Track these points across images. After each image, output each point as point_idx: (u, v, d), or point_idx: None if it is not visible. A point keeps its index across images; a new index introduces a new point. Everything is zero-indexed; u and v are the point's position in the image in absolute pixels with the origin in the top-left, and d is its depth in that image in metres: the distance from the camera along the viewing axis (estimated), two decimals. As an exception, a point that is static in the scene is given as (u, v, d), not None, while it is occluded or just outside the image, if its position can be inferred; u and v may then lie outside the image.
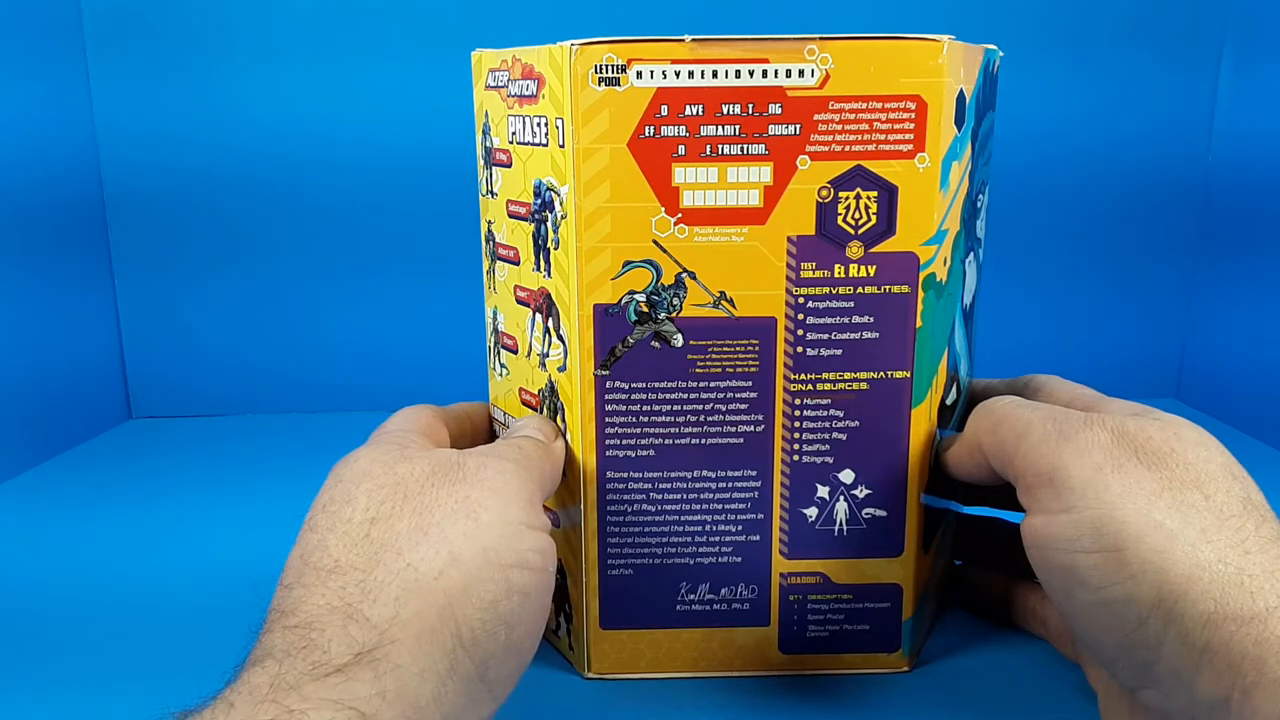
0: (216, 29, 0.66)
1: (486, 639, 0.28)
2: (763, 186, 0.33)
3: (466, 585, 0.28)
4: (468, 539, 0.28)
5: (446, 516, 0.29)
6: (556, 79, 0.33)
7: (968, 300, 0.40)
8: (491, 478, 0.31)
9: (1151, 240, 0.70)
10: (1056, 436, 0.31)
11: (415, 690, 0.26)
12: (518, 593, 0.29)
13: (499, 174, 0.38)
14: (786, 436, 0.35)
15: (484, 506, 0.30)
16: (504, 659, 0.29)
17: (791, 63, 0.32)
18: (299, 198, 0.68)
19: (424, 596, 0.27)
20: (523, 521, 0.30)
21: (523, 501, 0.31)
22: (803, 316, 0.34)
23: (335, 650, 0.25)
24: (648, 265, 0.34)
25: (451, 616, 0.27)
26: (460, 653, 0.27)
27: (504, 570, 0.29)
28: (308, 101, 0.67)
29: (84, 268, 0.67)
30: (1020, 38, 0.65)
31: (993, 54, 0.38)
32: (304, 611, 0.26)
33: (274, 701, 0.24)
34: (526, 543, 0.30)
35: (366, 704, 0.24)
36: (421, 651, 0.26)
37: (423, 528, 0.29)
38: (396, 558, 0.28)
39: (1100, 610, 0.29)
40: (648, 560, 0.37)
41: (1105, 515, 0.29)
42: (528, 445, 0.34)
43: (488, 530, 0.29)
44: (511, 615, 0.28)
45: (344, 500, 0.30)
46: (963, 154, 0.35)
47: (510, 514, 0.30)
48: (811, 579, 0.37)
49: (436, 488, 0.30)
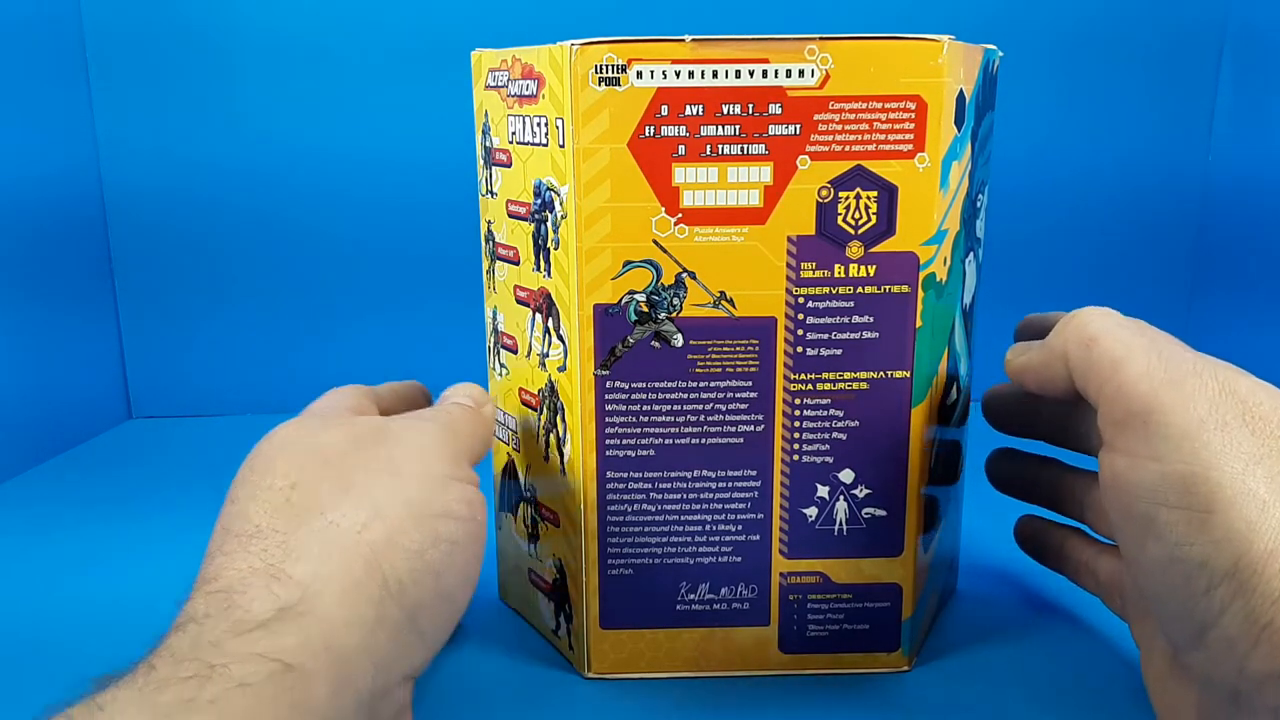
0: (216, 35, 0.65)
1: (415, 587, 0.28)
2: (763, 186, 0.33)
3: (391, 536, 0.28)
4: (390, 493, 0.29)
5: (368, 476, 0.29)
6: (556, 79, 0.33)
7: (968, 300, 0.40)
8: (413, 438, 0.31)
9: (1146, 269, 0.71)
10: (1161, 375, 0.29)
11: (342, 640, 0.26)
12: (445, 541, 0.29)
13: (499, 174, 0.38)
14: (786, 436, 0.35)
15: (406, 462, 0.30)
16: (435, 607, 0.29)
17: (791, 63, 0.32)
18: (298, 198, 0.68)
19: (347, 550, 0.27)
20: (446, 475, 0.31)
21: (446, 458, 0.31)
22: (803, 316, 0.34)
23: (257, 608, 0.25)
24: (648, 265, 0.34)
25: (377, 568, 0.27)
26: (389, 602, 0.27)
27: (429, 520, 0.29)
28: (307, 102, 0.67)
29: (85, 270, 0.67)
30: (1017, 54, 0.65)
31: (992, 54, 0.38)
32: (226, 577, 0.26)
33: (195, 659, 0.24)
34: (452, 494, 0.30)
35: (291, 654, 0.24)
36: (347, 602, 0.26)
37: (344, 488, 0.29)
38: (318, 517, 0.28)
39: (1171, 568, 0.28)
40: (648, 560, 0.37)
41: (1199, 473, 0.27)
42: (454, 409, 0.35)
43: (410, 484, 0.29)
44: (440, 563, 0.29)
45: (264, 470, 0.30)
46: (962, 154, 0.35)
47: (433, 469, 0.30)
48: (811, 579, 0.37)
49: (359, 451, 0.30)
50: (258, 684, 0.24)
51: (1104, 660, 0.39)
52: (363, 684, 0.26)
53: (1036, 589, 0.45)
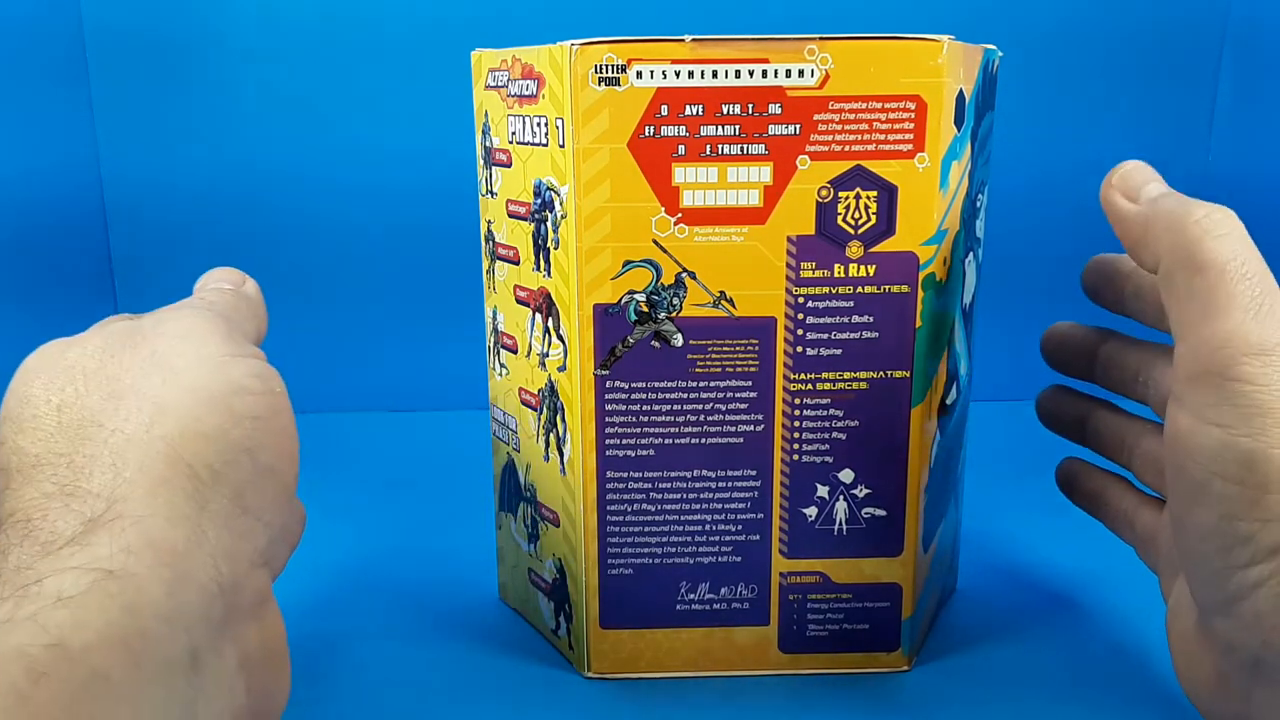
0: (217, 35, 0.65)
1: (229, 470, 0.27)
2: (763, 186, 0.33)
3: (184, 426, 0.26)
4: (168, 386, 0.27)
5: (139, 376, 0.27)
6: (556, 79, 0.33)
7: (968, 300, 0.40)
8: (174, 328, 0.29)
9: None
10: (1253, 338, 0.27)
11: (166, 537, 0.24)
12: (246, 418, 0.27)
13: (499, 174, 0.38)
14: (786, 436, 0.35)
15: (176, 353, 0.28)
16: (260, 485, 0.28)
17: (791, 63, 0.32)
18: (298, 197, 0.68)
19: (142, 451, 0.25)
20: (223, 354, 0.29)
21: (217, 338, 0.29)
22: (803, 316, 0.34)
23: (61, 527, 0.24)
24: (648, 265, 0.34)
25: (180, 460, 0.26)
26: (206, 491, 0.26)
27: (221, 400, 0.27)
28: (307, 102, 0.67)
29: (85, 270, 0.67)
30: (1017, 54, 0.65)
31: (992, 54, 0.38)
32: (19, 510, 0.24)
33: (3, 584, 0.22)
34: (237, 370, 0.28)
35: (111, 561, 0.23)
36: (160, 501, 0.25)
37: (117, 395, 0.27)
38: (99, 430, 0.26)
39: (1215, 537, 0.27)
40: (648, 560, 0.37)
41: (1262, 450, 0.26)
42: (210, 294, 0.33)
43: (188, 372, 0.27)
44: (249, 440, 0.27)
45: (22, 402, 0.27)
46: (962, 154, 0.35)
47: (206, 351, 0.28)
48: (811, 578, 0.37)
49: (117, 356, 0.28)
50: (79, 595, 0.22)
51: (1104, 660, 0.39)
52: (204, 577, 0.25)
53: (1036, 589, 0.45)
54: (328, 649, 0.40)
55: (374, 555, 0.49)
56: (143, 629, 0.23)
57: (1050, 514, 0.50)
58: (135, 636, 0.22)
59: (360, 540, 0.50)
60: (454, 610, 0.43)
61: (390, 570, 0.47)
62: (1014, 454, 0.58)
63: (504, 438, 0.42)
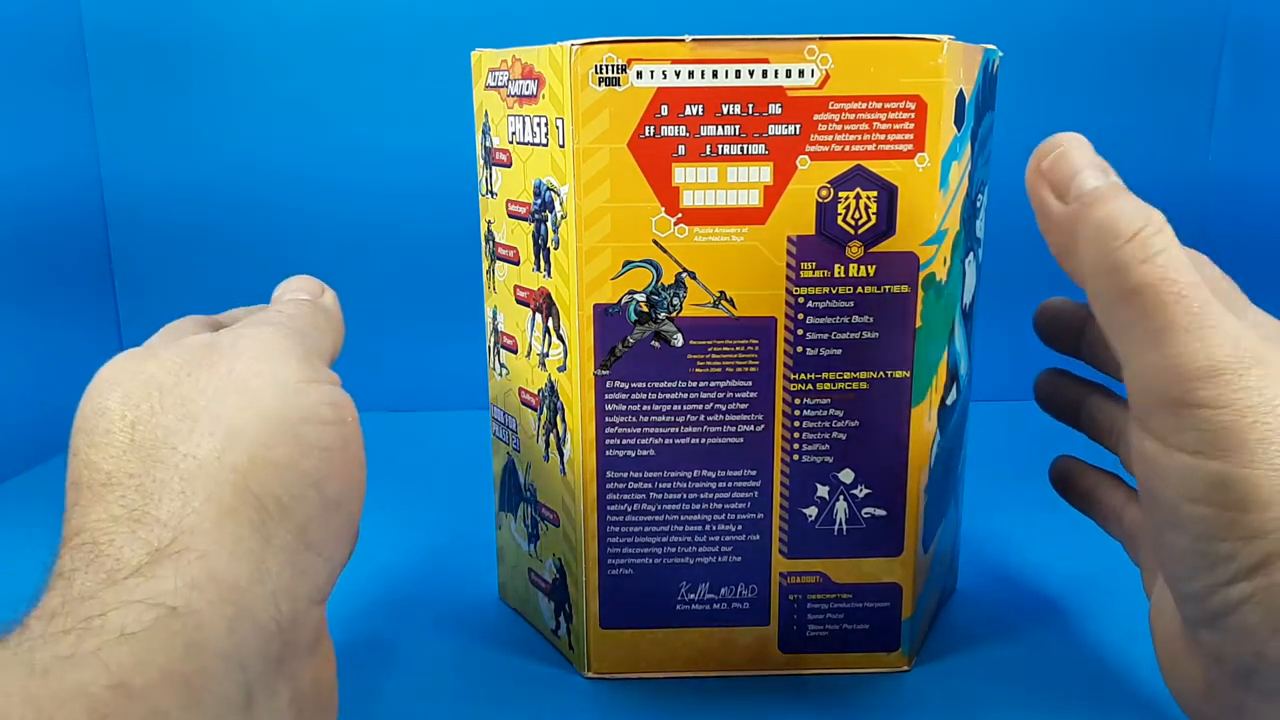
0: (217, 36, 0.66)
1: (296, 504, 0.26)
2: (763, 186, 0.33)
3: (255, 455, 0.26)
4: (243, 411, 0.26)
5: (214, 397, 0.27)
6: (556, 79, 0.33)
7: (968, 300, 0.40)
8: (251, 347, 0.28)
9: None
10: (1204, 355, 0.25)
11: (230, 572, 0.24)
12: (316, 449, 0.27)
13: (499, 174, 0.38)
14: (786, 436, 0.35)
15: (252, 374, 0.27)
16: (324, 520, 0.27)
17: (791, 63, 0.32)
18: (298, 197, 0.68)
19: (212, 480, 0.25)
20: (300, 379, 0.28)
21: (294, 360, 0.28)
22: (802, 316, 0.34)
23: (127, 555, 0.23)
24: (648, 265, 0.34)
25: (249, 491, 0.25)
26: (272, 525, 0.25)
27: (293, 430, 0.26)
28: (307, 102, 0.67)
29: (85, 270, 0.67)
30: (1017, 54, 0.65)
31: (992, 54, 0.38)
32: (86, 530, 0.24)
33: (68, 614, 0.22)
34: (311, 398, 0.27)
35: (174, 597, 0.23)
36: (225, 534, 0.24)
37: (191, 415, 0.26)
38: (171, 453, 0.25)
39: (1195, 557, 0.27)
40: (648, 560, 0.37)
41: (1234, 473, 0.25)
42: (289, 306, 0.32)
43: (262, 396, 0.27)
44: (317, 473, 0.27)
45: (97, 415, 0.27)
46: (962, 154, 0.35)
47: (282, 375, 0.28)
48: (811, 578, 0.37)
49: (194, 374, 0.27)
50: (143, 631, 0.22)
51: (1104, 660, 0.39)
52: (264, 615, 0.25)
53: (1036, 589, 0.45)
54: (328, 649, 0.40)
55: (374, 555, 0.48)
56: (203, 667, 0.23)
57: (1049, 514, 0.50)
58: (195, 675, 0.22)
59: (360, 540, 0.50)
60: (454, 610, 0.43)
61: (390, 570, 0.47)
62: (1014, 454, 0.58)
63: (504, 438, 0.42)
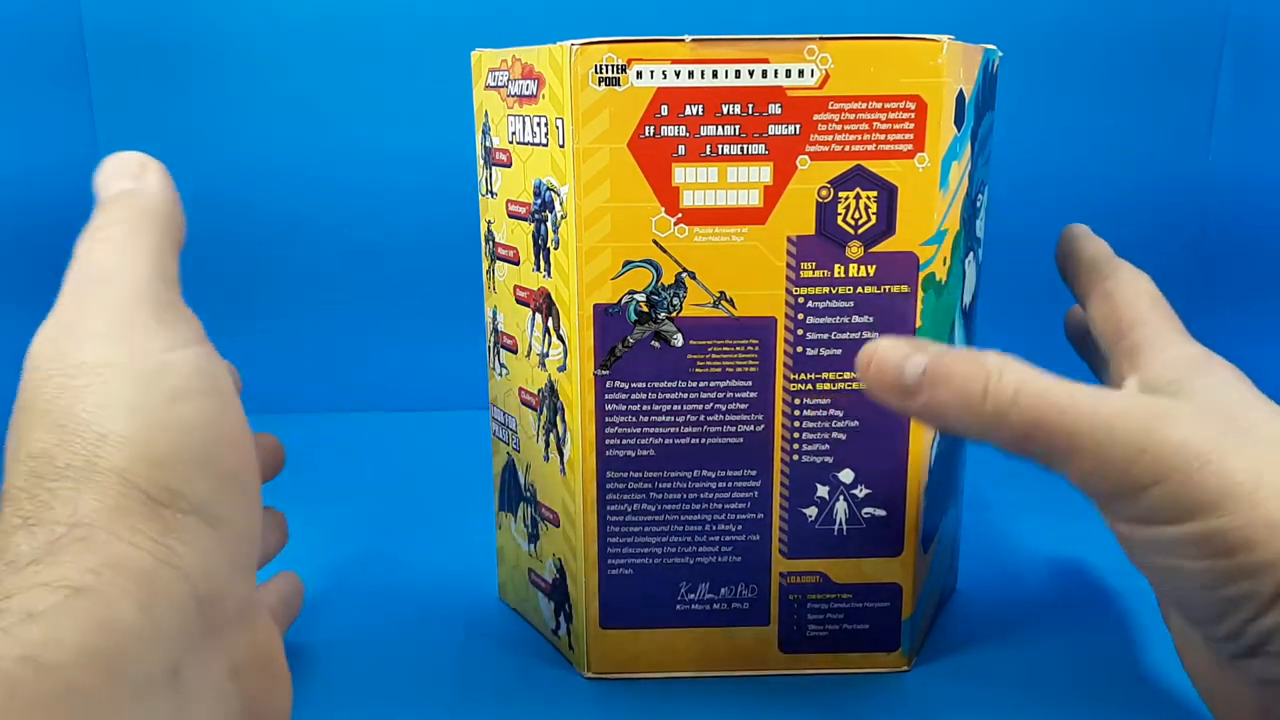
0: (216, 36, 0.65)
1: (187, 487, 0.25)
2: (763, 186, 0.33)
3: (132, 454, 0.25)
4: (106, 410, 0.25)
5: (73, 399, 0.25)
6: (556, 79, 0.33)
7: (967, 300, 0.40)
8: (95, 326, 0.26)
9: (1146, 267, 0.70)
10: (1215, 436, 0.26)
11: (132, 559, 0.24)
12: (196, 428, 0.26)
13: (499, 174, 0.38)
14: (786, 436, 0.35)
15: (103, 363, 0.26)
16: (221, 493, 0.26)
17: (791, 63, 0.32)
18: (298, 198, 0.68)
19: (95, 485, 0.24)
20: (159, 349, 0.26)
21: (145, 326, 0.26)
22: (802, 316, 0.34)
23: (25, 550, 0.23)
24: (648, 265, 0.34)
25: (135, 488, 0.25)
26: (167, 512, 0.25)
27: (163, 417, 0.25)
28: (307, 102, 0.67)
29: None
30: (1017, 54, 0.65)
31: (992, 54, 0.38)
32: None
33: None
34: (174, 375, 0.26)
35: (78, 579, 0.22)
36: (121, 526, 0.24)
37: (58, 424, 0.25)
38: (50, 465, 0.25)
39: (1212, 606, 0.26)
40: (648, 560, 0.37)
41: (1221, 527, 0.25)
42: (115, 227, 0.30)
43: (122, 390, 0.25)
44: (202, 451, 0.26)
45: (12, 427, 0.26)
46: (962, 154, 0.35)
47: (137, 354, 0.26)
48: (811, 578, 0.37)
49: (52, 378, 0.26)
50: (49, 610, 0.22)
51: (1104, 660, 0.39)
52: (179, 594, 0.24)
53: (1036, 589, 0.45)
54: (328, 649, 0.40)
55: (374, 555, 0.49)
56: (119, 645, 0.22)
57: (1050, 514, 0.50)
58: (111, 653, 0.22)
59: (360, 540, 0.50)
60: (454, 610, 0.43)
61: (390, 570, 0.47)
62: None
63: (504, 438, 0.42)
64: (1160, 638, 0.40)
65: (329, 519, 0.52)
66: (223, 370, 0.28)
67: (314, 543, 0.49)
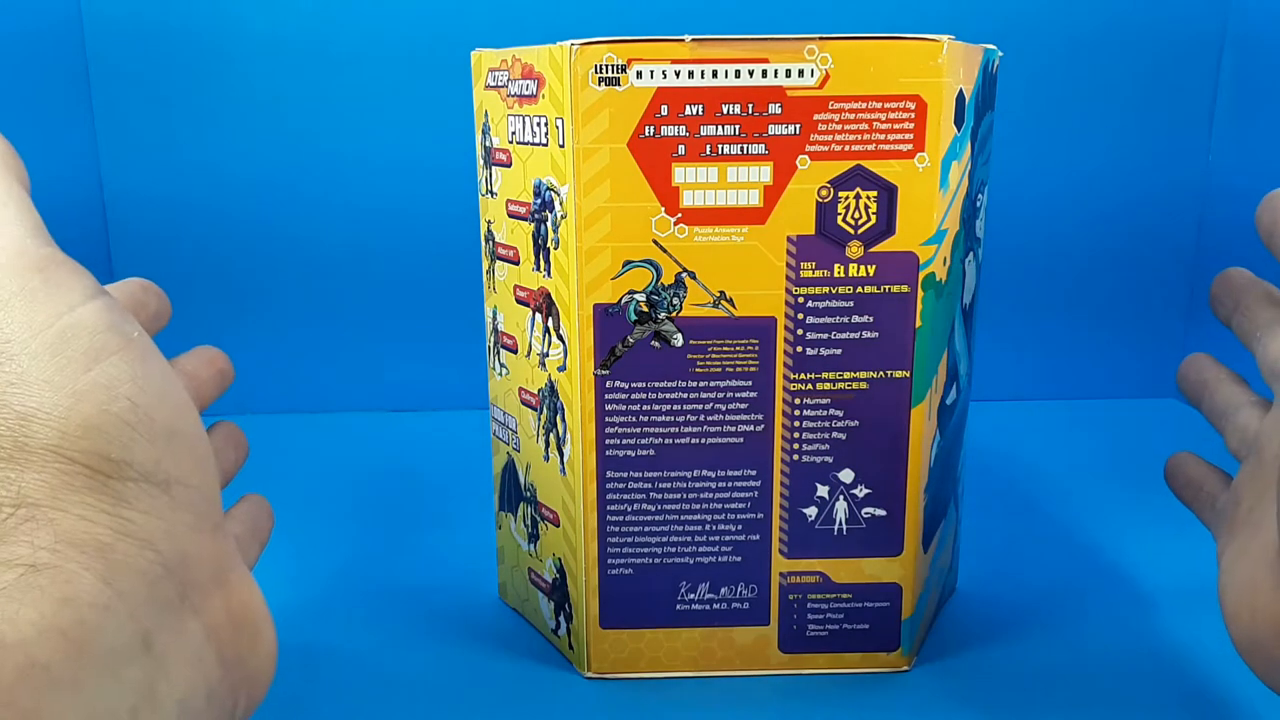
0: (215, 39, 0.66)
1: (127, 453, 0.24)
2: (763, 186, 0.33)
3: (60, 428, 0.23)
4: (19, 388, 0.24)
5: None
6: (556, 79, 0.33)
7: (967, 300, 0.40)
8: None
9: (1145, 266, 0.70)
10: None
11: (86, 532, 0.23)
12: (120, 384, 0.24)
13: (499, 174, 0.38)
14: (786, 436, 0.35)
15: (3, 337, 0.24)
16: (166, 452, 0.25)
17: (791, 63, 0.32)
18: (297, 198, 0.68)
19: (32, 465, 0.23)
20: (58, 311, 0.24)
21: (37, 291, 0.25)
22: (802, 316, 0.34)
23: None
24: (648, 265, 0.34)
25: (73, 463, 0.23)
26: (114, 482, 0.24)
27: (83, 381, 0.24)
28: (307, 103, 0.67)
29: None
30: (1017, 54, 0.65)
31: (992, 54, 0.38)
32: None
33: None
34: (84, 330, 0.24)
35: (32, 556, 0.22)
36: (68, 503, 0.23)
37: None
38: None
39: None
40: (648, 560, 0.37)
41: None
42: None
43: (30, 361, 0.24)
44: (133, 412, 0.24)
45: None
46: (962, 154, 0.35)
47: (37, 317, 0.24)
48: (811, 578, 0.37)
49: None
50: (6, 589, 0.21)
51: (1104, 660, 0.39)
52: (142, 562, 0.24)
53: (1036, 589, 0.45)
54: (327, 649, 0.40)
55: (374, 555, 0.49)
56: (81, 619, 0.22)
57: (1051, 514, 0.50)
58: (73, 627, 0.22)
59: (360, 540, 0.50)
60: (454, 610, 0.43)
61: (390, 570, 0.47)
62: (1014, 454, 0.58)
63: (504, 438, 0.42)
64: (1159, 639, 0.40)
65: (329, 519, 0.52)
66: (129, 319, 0.26)
67: (314, 543, 0.49)
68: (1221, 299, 0.36)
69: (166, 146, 0.67)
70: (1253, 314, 0.35)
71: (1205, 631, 0.40)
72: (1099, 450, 0.61)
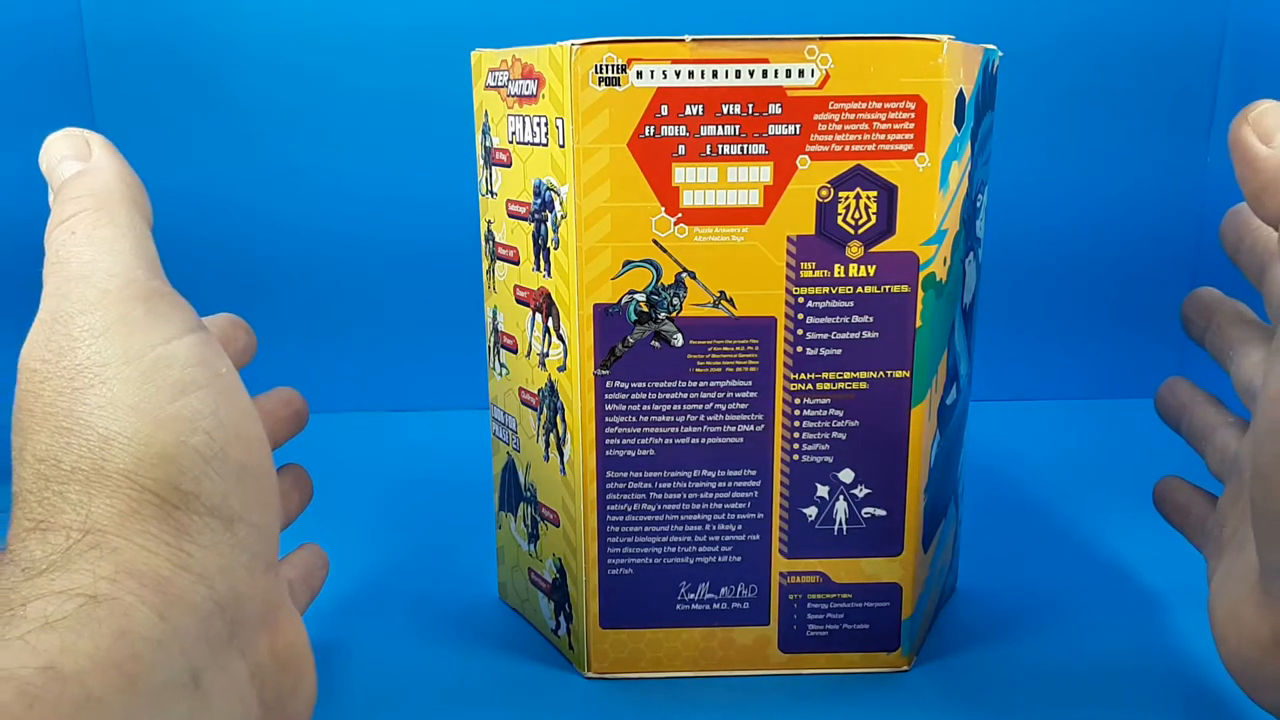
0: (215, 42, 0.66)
1: (197, 486, 0.25)
2: (763, 186, 0.33)
3: (138, 454, 0.24)
4: (106, 410, 0.24)
5: (73, 401, 0.25)
6: (556, 79, 0.33)
7: (967, 300, 0.40)
8: (90, 323, 0.25)
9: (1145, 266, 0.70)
10: None
11: (147, 565, 0.24)
12: (201, 419, 0.25)
13: (499, 174, 0.38)
14: (786, 436, 0.35)
15: (100, 362, 0.25)
16: (235, 488, 0.26)
17: (791, 63, 0.32)
18: (296, 199, 0.68)
19: (104, 488, 0.24)
20: (154, 343, 0.25)
21: (138, 321, 0.25)
22: (803, 316, 0.34)
23: (39, 556, 0.23)
24: (648, 265, 0.34)
25: (144, 490, 0.24)
26: (180, 514, 0.25)
27: (165, 413, 0.25)
28: (306, 103, 0.67)
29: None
30: (1017, 55, 0.65)
31: (992, 54, 0.38)
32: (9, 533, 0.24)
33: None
34: (174, 368, 0.25)
35: (93, 588, 0.22)
36: (133, 531, 0.24)
37: (62, 428, 0.24)
38: (57, 469, 0.24)
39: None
40: (648, 560, 0.37)
41: None
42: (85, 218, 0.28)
43: (121, 386, 0.24)
44: (210, 445, 0.25)
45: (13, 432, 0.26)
46: (962, 154, 0.35)
47: (133, 347, 0.25)
48: (811, 578, 0.37)
49: (49, 381, 0.25)
50: (66, 619, 0.21)
51: (1104, 660, 0.39)
52: (196, 598, 0.24)
53: (1036, 589, 0.45)
54: (327, 649, 0.40)
55: (374, 555, 0.49)
56: (136, 653, 0.22)
57: (1051, 514, 0.50)
58: (128, 661, 0.22)
59: (360, 540, 0.50)
60: (454, 610, 0.43)
61: (390, 570, 0.47)
62: (1015, 454, 0.58)
63: (504, 438, 0.42)
64: (1158, 639, 0.40)
65: (329, 519, 0.52)
66: (221, 356, 0.27)
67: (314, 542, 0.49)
68: (1193, 319, 0.37)
69: (166, 146, 0.67)
70: (1225, 333, 0.35)
71: (1205, 632, 0.40)
72: (1099, 450, 0.61)
